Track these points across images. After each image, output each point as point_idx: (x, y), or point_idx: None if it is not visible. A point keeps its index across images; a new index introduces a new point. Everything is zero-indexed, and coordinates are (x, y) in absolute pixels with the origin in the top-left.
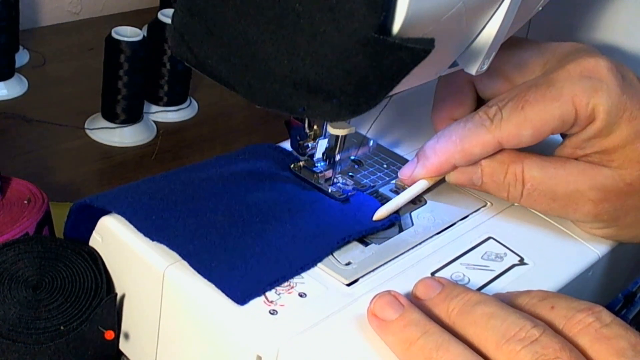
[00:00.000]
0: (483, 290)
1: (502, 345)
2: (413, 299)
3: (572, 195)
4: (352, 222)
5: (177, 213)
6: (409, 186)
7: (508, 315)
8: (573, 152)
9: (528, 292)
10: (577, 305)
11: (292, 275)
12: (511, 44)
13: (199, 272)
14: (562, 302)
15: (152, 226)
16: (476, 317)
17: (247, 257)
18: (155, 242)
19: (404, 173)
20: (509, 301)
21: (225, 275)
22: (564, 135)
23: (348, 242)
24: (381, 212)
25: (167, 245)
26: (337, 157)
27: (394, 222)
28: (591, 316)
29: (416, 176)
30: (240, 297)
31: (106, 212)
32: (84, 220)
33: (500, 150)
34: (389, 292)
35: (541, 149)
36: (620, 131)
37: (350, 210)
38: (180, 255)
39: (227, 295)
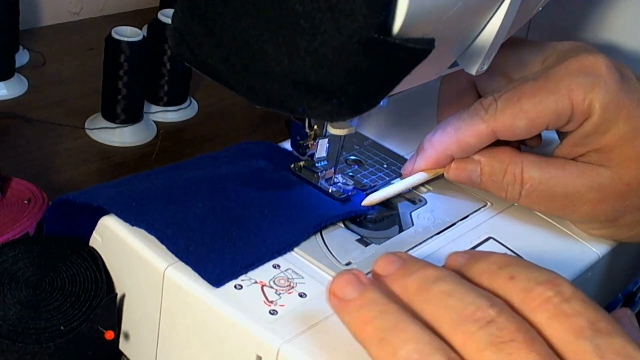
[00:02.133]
0: None
1: (458, 326)
2: (374, 276)
3: (570, 197)
4: (330, 208)
5: (157, 200)
6: None
7: (466, 294)
8: (571, 150)
9: (488, 255)
10: (537, 276)
11: (268, 259)
12: (511, 44)
13: (175, 255)
14: (522, 273)
15: (131, 211)
16: (433, 294)
17: (224, 241)
18: (155, 243)
19: (406, 168)
20: (466, 263)
21: (201, 258)
22: (561, 137)
23: (325, 227)
24: (371, 199)
25: (146, 230)
26: (338, 157)
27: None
28: (551, 290)
29: (416, 170)
30: (216, 279)
31: (84, 208)
32: (63, 216)
33: (500, 150)
34: (350, 270)
35: (540, 150)
36: (617, 129)
37: (332, 200)
38: (158, 239)
39: (203, 277)
